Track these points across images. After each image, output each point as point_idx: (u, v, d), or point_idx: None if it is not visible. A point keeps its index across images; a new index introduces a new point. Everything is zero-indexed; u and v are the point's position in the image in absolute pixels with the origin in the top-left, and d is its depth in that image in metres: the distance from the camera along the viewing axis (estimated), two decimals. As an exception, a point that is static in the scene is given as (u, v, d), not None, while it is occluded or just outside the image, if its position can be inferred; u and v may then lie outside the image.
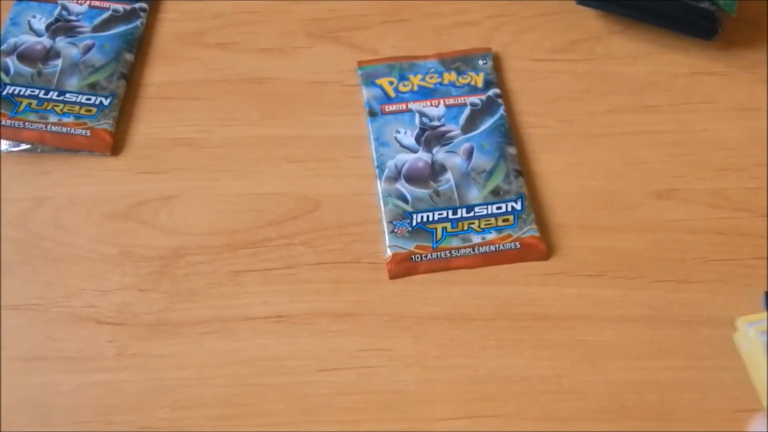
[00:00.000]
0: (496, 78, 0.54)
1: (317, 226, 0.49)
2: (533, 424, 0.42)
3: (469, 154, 0.51)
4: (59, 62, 0.54)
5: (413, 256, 0.47)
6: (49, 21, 0.57)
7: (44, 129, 0.51)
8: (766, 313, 0.42)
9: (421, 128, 0.52)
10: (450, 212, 0.48)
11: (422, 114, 0.52)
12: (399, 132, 0.52)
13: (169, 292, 0.46)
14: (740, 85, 0.55)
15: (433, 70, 0.55)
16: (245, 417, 0.42)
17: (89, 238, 0.48)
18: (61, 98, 0.53)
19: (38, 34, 0.56)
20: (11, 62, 0.54)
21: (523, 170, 0.50)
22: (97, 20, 0.57)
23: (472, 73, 0.54)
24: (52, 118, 0.51)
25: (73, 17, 0.57)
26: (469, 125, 0.52)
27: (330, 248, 0.48)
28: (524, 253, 0.47)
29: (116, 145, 0.52)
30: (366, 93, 0.54)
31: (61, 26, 0.56)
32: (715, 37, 0.56)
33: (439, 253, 0.47)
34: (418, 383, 0.43)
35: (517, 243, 0.47)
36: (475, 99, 0.53)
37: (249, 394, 0.43)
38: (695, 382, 0.43)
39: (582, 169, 0.51)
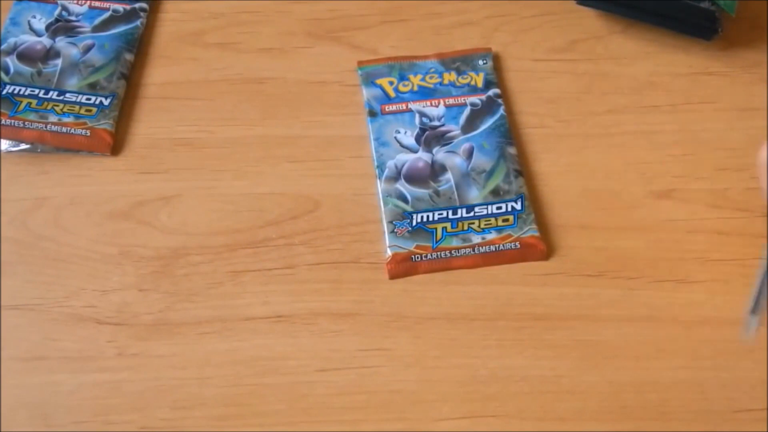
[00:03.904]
0: (496, 78, 0.54)
1: (317, 226, 0.49)
2: (533, 424, 0.42)
3: (469, 154, 0.51)
4: (59, 62, 0.54)
5: (413, 256, 0.47)
6: (49, 21, 0.57)
7: (44, 129, 0.51)
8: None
9: (421, 128, 0.52)
10: (450, 212, 0.48)
11: (422, 114, 0.52)
12: (399, 132, 0.52)
13: (169, 292, 0.46)
14: (740, 85, 0.55)
15: (433, 70, 0.55)
16: (245, 417, 0.42)
17: (89, 238, 0.48)
18: (61, 98, 0.53)
19: (38, 34, 0.56)
20: (11, 62, 0.54)
21: (523, 170, 0.50)
22: (97, 20, 0.57)
23: (472, 73, 0.54)
24: (52, 118, 0.51)
25: (73, 17, 0.57)
26: (469, 125, 0.52)
27: (330, 248, 0.48)
28: (524, 253, 0.47)
29: (116, 145, 0.52)
30: (366, 93, 0.54)
31: (61, 26, 0.56)
32: (715, 37, 0.56)
33: (438, 253, 0.47)
34: (418, 383, 0.43)
35: (517, 243, 0.47)
36: (475, 99, 0.53)
37: (249, 394, 0.43)
38: (695, 382, 0.43)
39: (582, 169, 0.51)
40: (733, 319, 0.45)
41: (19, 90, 0.53)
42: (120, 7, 0.58)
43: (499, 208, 0.48)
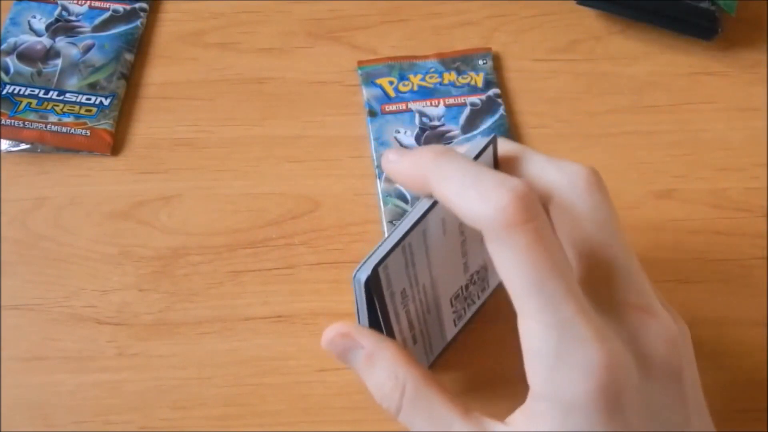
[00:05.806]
0: (496, 78, 0.54)
1: (317, 226, 0.49)
2: (533, 424, 0.42)
3: (469, 154, 0.51)
4: (59, 62, 0.54)
5: (413, 256, 0.47)
6: (49, 21, 0.57)
7: (44, 129, 0.51)
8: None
9: (420, 128, 0.52)
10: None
11: (422, 114, 0.52)
12: (399, 132, 0.52)
13: (169, 292, 0.46)
14: (740, 85, 0.55)
15: (433, 70, 0.55)
16: (245, 417, 0.42)
17: (89, 238, 0.48)
18: (61, 98, 0.53)
19: (38, 34, 0.56)
20: (11, 62, 0.54)
21: (523, 170, 0.50)
22: (97, 20, 0.57)
23: (472, 73, 0.54)
24: (52, 118, 0.51)
25: (73, 17, 0.57)
26: (469, 125, 0.52)
27: (330, 248, 0.48)
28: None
29: (116, 145, 0.52)
30: (366, 93, 0.54)
31: (61, 26, 0.56)
32: (715, 37, 0.56)
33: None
34: (418, 383, 0.43)
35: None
36: (475, 99, 0.53)
37: (249, 394, 0.43)
38: (695, 382, 0.43)
39: (582, 169, 0.51)
40: (733, 319, 0.45)
41: (19, 90, 0.53)
42: (120, 7, 0.58)
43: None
